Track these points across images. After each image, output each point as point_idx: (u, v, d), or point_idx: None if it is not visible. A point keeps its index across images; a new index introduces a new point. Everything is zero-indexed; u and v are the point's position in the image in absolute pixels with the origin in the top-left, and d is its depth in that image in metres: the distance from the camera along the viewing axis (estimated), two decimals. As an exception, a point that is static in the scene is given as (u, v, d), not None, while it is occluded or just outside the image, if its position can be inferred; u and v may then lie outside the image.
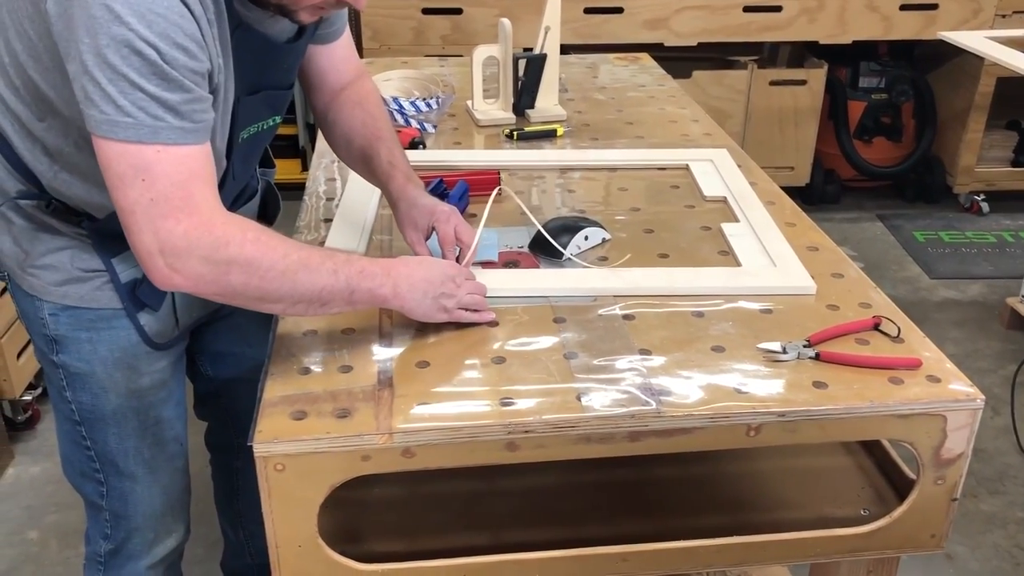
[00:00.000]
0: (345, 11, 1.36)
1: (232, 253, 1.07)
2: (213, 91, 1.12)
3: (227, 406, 1.63)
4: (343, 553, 1.13)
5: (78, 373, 1.31)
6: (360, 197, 1.61)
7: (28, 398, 2.47)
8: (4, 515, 2.23)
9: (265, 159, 1.51)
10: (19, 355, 2.41)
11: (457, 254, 1.35)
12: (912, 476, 1.27)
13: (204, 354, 1.55)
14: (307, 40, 1.33)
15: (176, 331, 1.36)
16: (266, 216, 1.51)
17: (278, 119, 1.34)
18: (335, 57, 1.46)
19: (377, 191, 1.65)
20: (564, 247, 1.44)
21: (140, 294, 1.28)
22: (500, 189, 1.60)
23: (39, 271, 1.26)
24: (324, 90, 1.48)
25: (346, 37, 1.48)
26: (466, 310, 1.26)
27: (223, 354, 1.55)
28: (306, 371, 1.17)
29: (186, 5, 1.03)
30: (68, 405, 1.35)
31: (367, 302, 1.19)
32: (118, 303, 1.27)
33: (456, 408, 1.10)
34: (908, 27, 3.49)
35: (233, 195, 1.35)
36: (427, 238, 1.37)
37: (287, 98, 1.34)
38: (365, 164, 1.45)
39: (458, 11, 3.30)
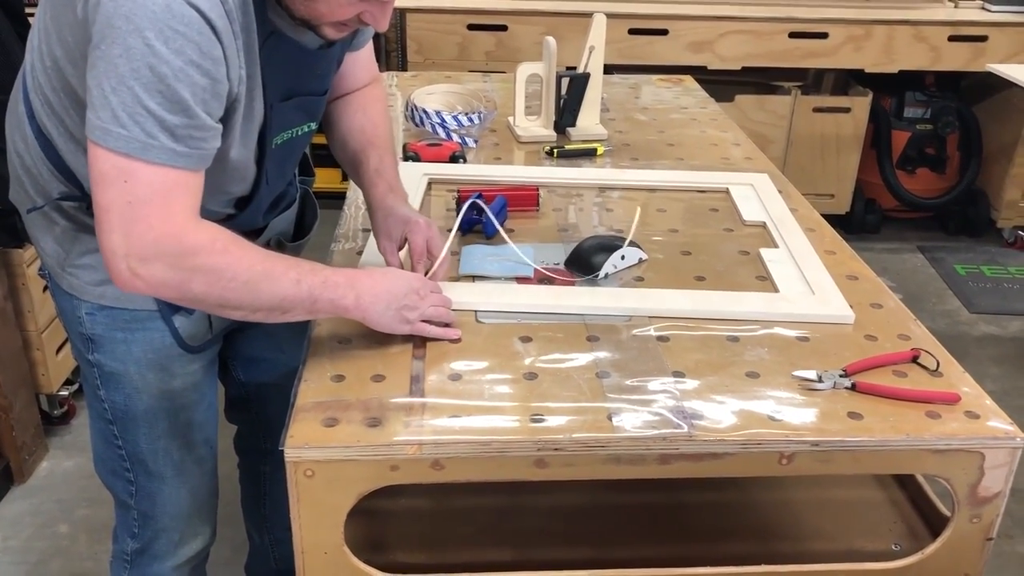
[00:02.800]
0: None
1: (198, 262, 1.07)
2: (231, 106, 1.13)
3: (257, 411, 1.64)
4: (367, 562, 1.13)
5: (112, 372, 1.33)
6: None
7: (64, 393, 2.51)
8: (36, 508, 2.26)
9: (305, 167, 1.52)
10: (58, 351, 2.44)
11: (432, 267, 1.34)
12: (946, 513, 1.24)
13: (237, 359, 1.57)
14: (342, 48, 1.33)
15: (209, 334, 1.37)
16: (303, 225, 1.51)
17: (313, 125, 1.35)
18: (358, 63, 1.46)
19: (419, 200, 1.67)
20: (600, 266, 1.44)
21: None
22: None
23: (77, 270, 1.28)
24: (336, 89, 1.47)
25: (371, 44, 1.49)
26: (431, 324, 1.26)
27: (256, 359, 1.57)
28: (339, 378, 1.17)
29: (208, 22, 1.03)
30: (101, 404, 1.36)
31: (329, 312, 1.19)
32: (153, 304, 1.28)
33: (486, 422, 1.10)
34: (956, 58, 3.45)
35: (269, 202, 1.36)
36: (400, 248, 1.37)
37: (321, 104, 1.35)
38: (354, 168, 1.45)
39: (503, 28, 3.32)
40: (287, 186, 1.42)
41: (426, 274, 1.34)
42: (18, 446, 2.29)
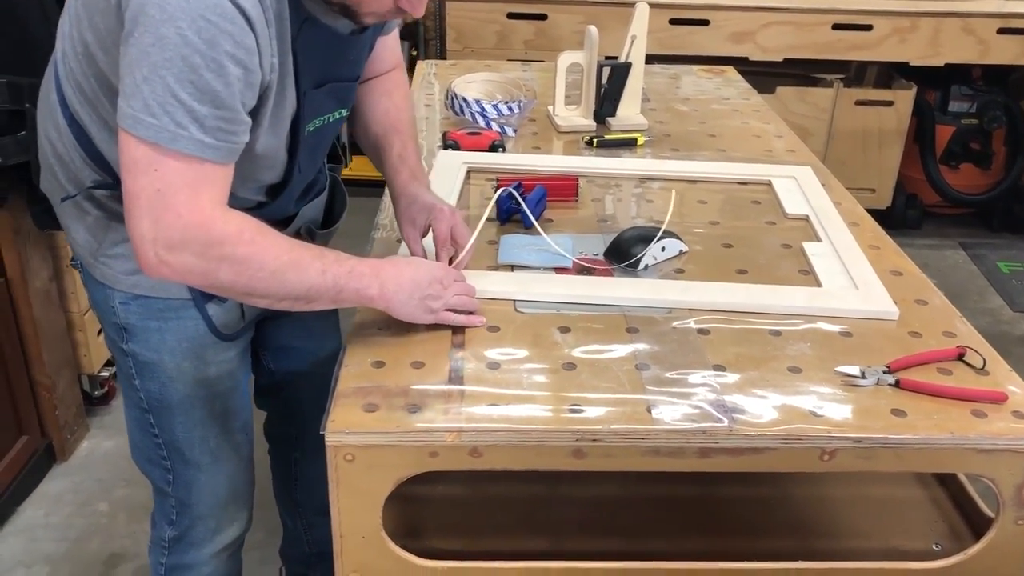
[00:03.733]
0: None
1: (226, 252, 1.08)
2: (263, 95, 1.13)
3: (287, 398, 1.64)
4: (404, 548, 1.14)
5: (147, 362, 1.33)
6: (440, 195, 1.62)
7: (105, 374, 2.55)
8: (77, 486, 2.30)
9: (334, 155, 1.52)
10: (99, 332, 2.48)
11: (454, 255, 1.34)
12: (990, 514, 1.22)
13: (267, 348, 1.57)
14: (374, 32, 1.32)
15: (242, 322, 1.38)
16: (332, 212, 1.51)
17: (344, 112, 1.34)
18: (384, 48, 1.45)
19: (458, 188, 1.66)
20: (640, 257, 1.43)
21: None
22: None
23: (110, 260, 1.28)
24: (362, 75, 1.45)
25: (397, 29, 1.48)
26: (455, 312, 1.26)
27: (286, 348, 1.57)
28: (379, 364, 1.18)
29: (242, 11, 1.03)
30: (137, 393, 1.37)
31: (354, 301, 1.20)
32: (187, 293, 1.28)
33: (525, 411, 1.10)
34: (1005, 52, 3.38)
35: (300, 189, 1.36)
36: (424, 236, 1.37)
37: (353, 91, 1.34)
38: (376, 153, 1.44)
39: (543, 17, 3.30)
40: (317, 173, 1.42)
41: (451, 262, 1.34)
42: (60, 425, 2.33)
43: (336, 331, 1.62)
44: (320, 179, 1.44)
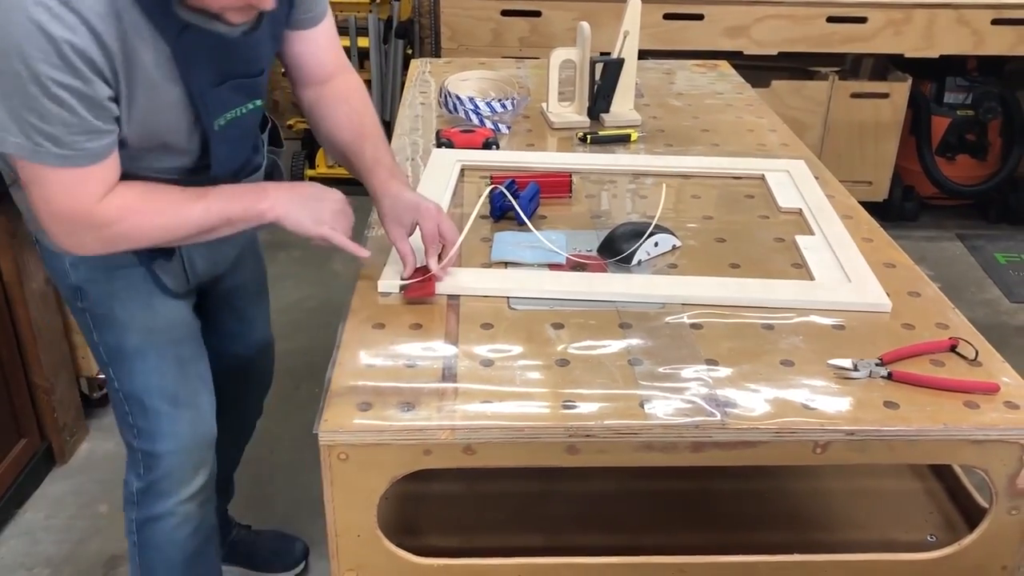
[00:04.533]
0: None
1: (115, 230, 1.23)
2: (119, 99, 1.18)
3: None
4: (400, 545, 1.15)
5: (101, 314, 1.42)
6: (434, 194, 1.62)
7: (103, 376, 2.55)
8: (77, 488, 2.30)
9: (275, 139, 1.58)
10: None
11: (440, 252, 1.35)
12: (984, 504, 1.23)
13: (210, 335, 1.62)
14: (273, 26, 1.34)
15: (187, 285, 1.47)
16: None
17: (259, 102, 1.38)
18: (314, 44, 1.46)
19: (452, 186, 1.67)
20: (633, 253, 1.43)
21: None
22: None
23: None
24: (305, 81, 1.49)
25: (327, 27, 1.48)
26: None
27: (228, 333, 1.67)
28: (372, 363, 1.18)
29: (59, 43, 1.08)
30: (98, 348, 1.46)
31: (250, 220, 1.29)
32: (132, 254, 1.35)
33: (518, 408, 1.10)
34: (1000, 42, 3.38)
35: (229, 170, 1.39)
36: (410, 235, 1.36)
37: (260, 83, 1.37)
38: (348, 160, 1.46)
39: (537, 13, 3.30)
40: (252, 153, 1.46)
41: (439, 260, 1.34)
42: (59, 427, 2.34)
43: (266, 321, 1.78)
44: (255, 159, 1.48)
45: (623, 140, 1.96)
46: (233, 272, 1.60)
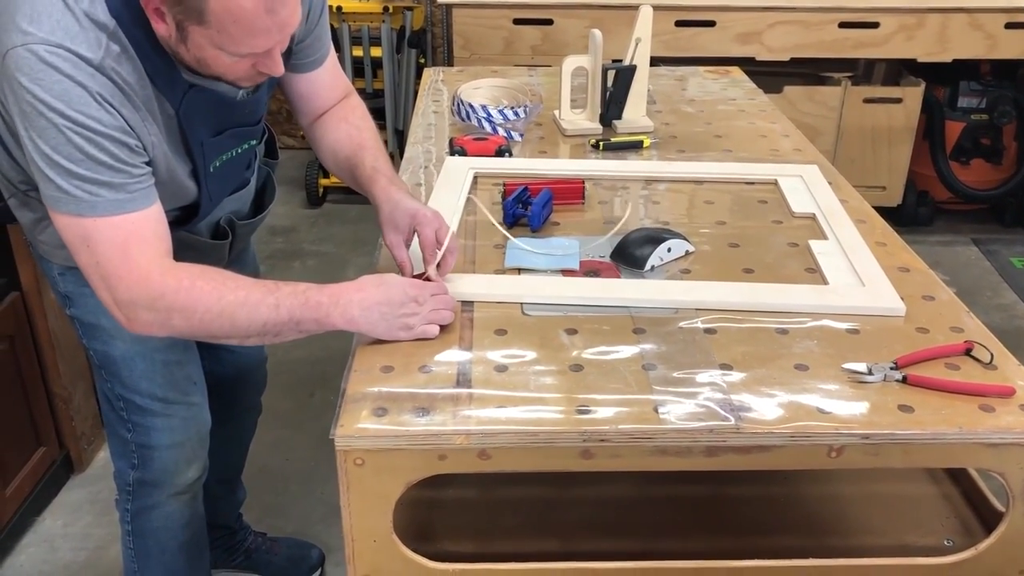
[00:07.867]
0: (325, 40, 1.45)
1: (168, 302, 1.18)
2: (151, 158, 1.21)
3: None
4: (416, 550, 1.15)
5: (89, 323, 1.45)
6: (447, 201, 1.63)
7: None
8: (95, 496, 2.32)
9: (271, 150, 1.60)
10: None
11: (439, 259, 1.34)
12: (1001, 508, 1.22)
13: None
14: (270, 88, 1.39)
15: None
16: (262, 202, 1.59)
17: (254, 142, 1.43)
18: (317, 84, 1.50)
19: (464, 197, 1.67)
20: (647, 258, 1.44)
21: None
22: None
23: (44, 237, 1.39)
24: (309, 114, 1.53)
25: (330, 64, 1.51)
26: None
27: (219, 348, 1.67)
28: (388, 369, 1.19)
29: (103, 102, 1.12)
30: (88, 352, 1.50)
31: (318, 330, 1.22)
32: None
33: (533, 413, 1.11)
34: (1014, 46, 3.36)
35: (217, 204, 1.42)
36: (409, 242, 1.36)
37: (257, 129, 1.42)
38: (350, 173, 1.48)
39: (548, 22, 3.31)
40: (244, 171, 1.48)
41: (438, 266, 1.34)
42: (77, 436, 2.36)
43: None
44: (246, 175, 1.50)
45: (635, 147, 1.96)
46: None
